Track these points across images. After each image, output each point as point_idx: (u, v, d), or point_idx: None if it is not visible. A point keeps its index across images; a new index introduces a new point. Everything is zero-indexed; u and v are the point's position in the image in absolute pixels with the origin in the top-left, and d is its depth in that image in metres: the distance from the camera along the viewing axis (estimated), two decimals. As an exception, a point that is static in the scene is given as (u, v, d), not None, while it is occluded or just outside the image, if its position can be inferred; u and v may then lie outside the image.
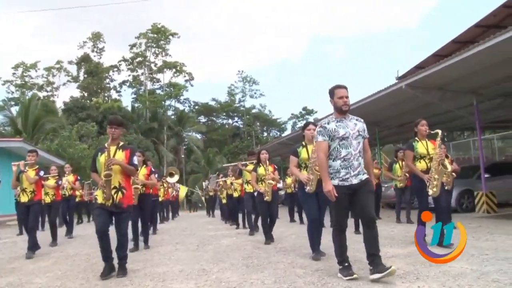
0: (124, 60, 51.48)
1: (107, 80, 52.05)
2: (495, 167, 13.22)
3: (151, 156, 36.46)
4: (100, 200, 5.01)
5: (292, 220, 12.76)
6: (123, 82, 52.56)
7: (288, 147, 21.52)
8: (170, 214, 19.33)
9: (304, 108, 56.54)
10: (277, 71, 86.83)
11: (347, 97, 4.32)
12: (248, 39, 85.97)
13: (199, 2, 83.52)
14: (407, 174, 10.21)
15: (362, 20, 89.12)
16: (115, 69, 51.98)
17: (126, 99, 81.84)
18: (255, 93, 56.87)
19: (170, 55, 50.83)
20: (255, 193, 8.03)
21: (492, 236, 6.84)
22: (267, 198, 7.59)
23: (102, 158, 5.01)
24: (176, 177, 17.86)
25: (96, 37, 51.10)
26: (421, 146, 6.15)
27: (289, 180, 12.92)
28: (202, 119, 58.02)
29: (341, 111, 4.32)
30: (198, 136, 53.23)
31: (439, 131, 6.04)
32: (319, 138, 4.31)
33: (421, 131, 6.20)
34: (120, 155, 5.08)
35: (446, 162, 5.91)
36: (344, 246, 4.33)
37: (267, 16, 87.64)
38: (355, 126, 4.33)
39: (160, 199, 14.82)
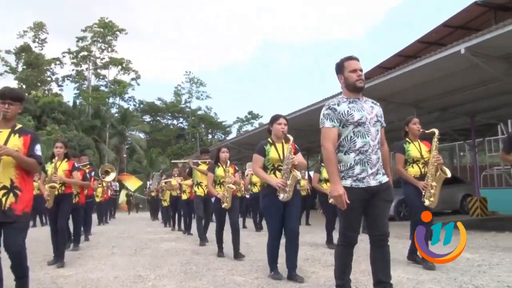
0: (69, 52, 49.58)
1: (48, 73, 49.92)
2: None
3: (92, 154, 35.26)
4: None
5: (243, 226, 12.45)
6: (66, 77, 50.64)
7: (233, 150, 21.44)
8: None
9: (250, 112, 56.97)
10: (224, 74, 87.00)
11: (361, 70, 3.38)
12: (198, 40, 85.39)
13: (151, 1, 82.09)
14: None
15: (312, 28, 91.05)
16: (58, 62, 49.95)
17: (69, 94, 79.08)
18: (201, 94, 56.79)
19: (116, 51, 49.59)
20: (212, 199, 6.76)
21: (427, 245, 7.07)
22: (226, 205, 6.30)
23: None
24: (112, 175, 16.73)
25: (39, 27, 48.84)
26: (413, 149, 5.22)
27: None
28: (147, 118, 56.97)
29: (355, 89, 3.36)
30: (142, 135, 52.16)
31: (436, 130, 5.23)
32: (326, 123, 3.30)
33: (413, 130, 5.30)
34: (16, 142, 3.62)
35: (445, 167, 5.06)
36: (348, 266, 3.45)
37: (217, 18, 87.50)
38: (372, 109, 3.38)
39: (98, 199, 14.12)
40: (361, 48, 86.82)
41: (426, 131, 5.27)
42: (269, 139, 4.81)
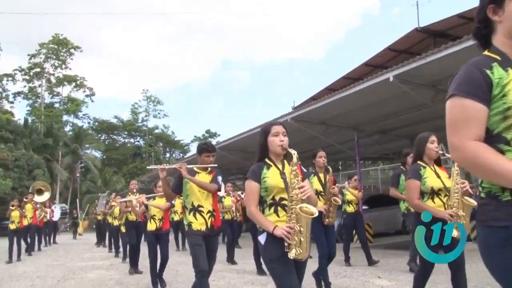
0: (20, 69, 48.18)
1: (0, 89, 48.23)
2: (372, 200, 13.97)
3: (41, 174, 34.08)
4: None
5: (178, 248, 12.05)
6: (18, 93, 49.06)
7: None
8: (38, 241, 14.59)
9: (207, 131, 56.75)
10: (182, 93, 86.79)
11: None
12: (156, 58, 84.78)
13: (108, 20, 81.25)
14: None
15: (270, 48, 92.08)
16: (10, 78, 48.41)
17: (21, 111, 76.87)
18: (159, 113, 56.10)
19: (70, 69, 48.56)
20: (264, 238, 2.81)
21: (364, 276, 7.12)
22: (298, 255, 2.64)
23: None
24: (46, 195, 14.22)
25: (-11, 42, 47.34)
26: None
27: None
28: (102, 137, 55.82)
29: None
30: (97, 154, 50.99)
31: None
32: None
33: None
34: None
35: None
36: None
37: (174, 36, 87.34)
38: None
39: (13, 226, 11.52)
40: (317, 68, 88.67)
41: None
42: None
